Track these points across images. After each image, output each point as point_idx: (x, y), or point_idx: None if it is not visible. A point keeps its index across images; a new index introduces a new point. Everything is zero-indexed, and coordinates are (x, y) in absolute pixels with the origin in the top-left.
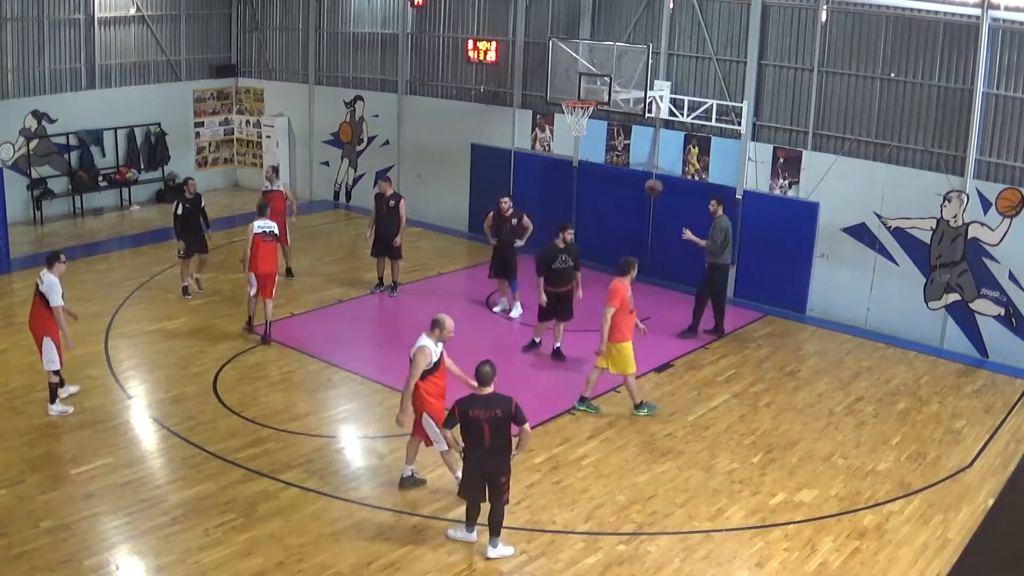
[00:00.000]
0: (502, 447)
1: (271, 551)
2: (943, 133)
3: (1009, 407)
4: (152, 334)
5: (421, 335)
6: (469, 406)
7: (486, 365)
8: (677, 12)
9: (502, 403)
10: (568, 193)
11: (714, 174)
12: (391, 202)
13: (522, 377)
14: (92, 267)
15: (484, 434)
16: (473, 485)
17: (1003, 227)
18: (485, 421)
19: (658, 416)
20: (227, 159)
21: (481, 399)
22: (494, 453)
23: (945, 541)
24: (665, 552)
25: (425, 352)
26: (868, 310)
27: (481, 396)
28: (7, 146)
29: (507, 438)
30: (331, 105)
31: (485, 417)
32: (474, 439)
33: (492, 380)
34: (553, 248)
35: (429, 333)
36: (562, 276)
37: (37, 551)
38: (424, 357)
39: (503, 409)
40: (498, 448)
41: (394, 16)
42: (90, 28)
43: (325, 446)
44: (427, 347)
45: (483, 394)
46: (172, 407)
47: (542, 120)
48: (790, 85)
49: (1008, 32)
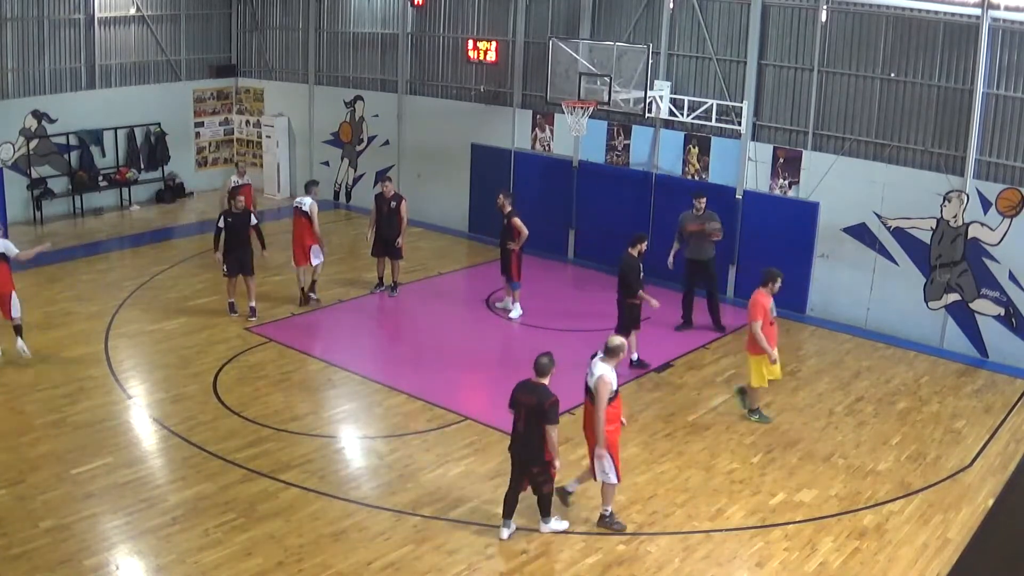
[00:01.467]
0: (531, 437)
1: (271, 551)
2: (943, 133)
3: (1009, 407)
4: (152, 334)
5: (594, 362)
6: (518, 391)
7: (544, 356)
8: (677, 12)
9: (540, 395)
10: (568, 193)
11: (714, 174)
12: (392, 203)
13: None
14: (92, 267)
15: (520, 420)
16: (512, 470)
17: (1003, 227)
18: (523, 407)
19: (658, 416)
20: (227, 159)
21: (528, 386)
22: (523, 441)
23: (945, 541)
24: (665, 552)
25: (607, 381)
26: (868, 310)
27: (530, 383)
28: (7, 146)
29: (539, 430)
30: (331, 105)
31: (524, 403)
32: (514, 423)
33: (546, 371)
34: (634, 260)
35: (606, 359)
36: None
37: (37, 551)
38: (607, 387)
39: (538, 401)
40: (527, 437)
41: (394, 16)
42: (90, 28)
43: (325, 446)
44: (607, 376)
45: (533, 382)
46: (172, 407)
47: (542, 120)
48: (790, 85)
49: (1008, 32)
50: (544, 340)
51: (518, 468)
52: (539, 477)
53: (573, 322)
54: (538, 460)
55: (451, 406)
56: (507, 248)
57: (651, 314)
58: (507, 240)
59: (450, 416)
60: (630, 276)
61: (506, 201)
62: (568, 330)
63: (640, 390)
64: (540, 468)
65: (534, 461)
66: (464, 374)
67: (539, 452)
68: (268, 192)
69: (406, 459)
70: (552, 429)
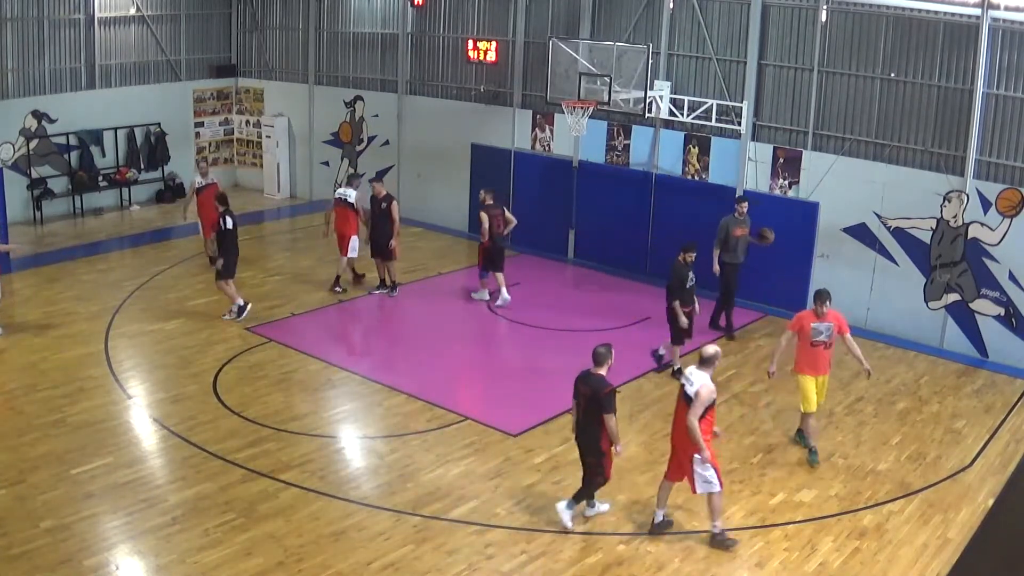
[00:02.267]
0: (588, 426)
1: (271, 551)
2: (943, 133)
3: (1009, 407)
4: (152, 334)
5: (690, 371)
6: (578, 381)
7: (602, 347)
8: (677, 12)
9: (596, 385)
10: (568, 193)
11: (714, 174)
12: (383, 204)
13: (522, 377)
14: (92, 267)
15: (579, 410)
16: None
17: (1003, 227)
18: (581, 397)
19: (658, 416)
20: (227, 159)
21: (585, 376)
22: (581, 430)
23: (945, 541)
24: (665, 552)
25: (711, 390)
26: (868, 310)
27: (588, 373)
28: (7, 146)
29: (595, 420)
30: (331, 105)
31: (582, 392)
32: (575, 412)
33: (603, 360)
34: (682, 267)
35: (703, 367)
36: (692, 296)
37: (37, 551)
38: (710, 395)
39: (593, 391)
40: (584, 427)
41: (394, 16)
42: (90, 28)
43: (325, 446)
44: (709, 384)
45: (590, 372)
46: (172, 407)
47: (542, 120)
48: (790, 85)
49: (1008, 32)
50: (544, 340)
51: (581, 455)
52: (594, 468)
53: (573, 322)
54: (594, 451)
55: (451, 406)
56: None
57: (652, 314)
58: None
59: (450, 416)
60: (672, 283)
61: (488, 195)
62: (568, 330)
63: (640, 390)
64: (595, 459)
65: (590, 451)
66: (464, 374)
67: (595, 442)
68: (268, 192)
69: (406, 459)
70: (609, 418)
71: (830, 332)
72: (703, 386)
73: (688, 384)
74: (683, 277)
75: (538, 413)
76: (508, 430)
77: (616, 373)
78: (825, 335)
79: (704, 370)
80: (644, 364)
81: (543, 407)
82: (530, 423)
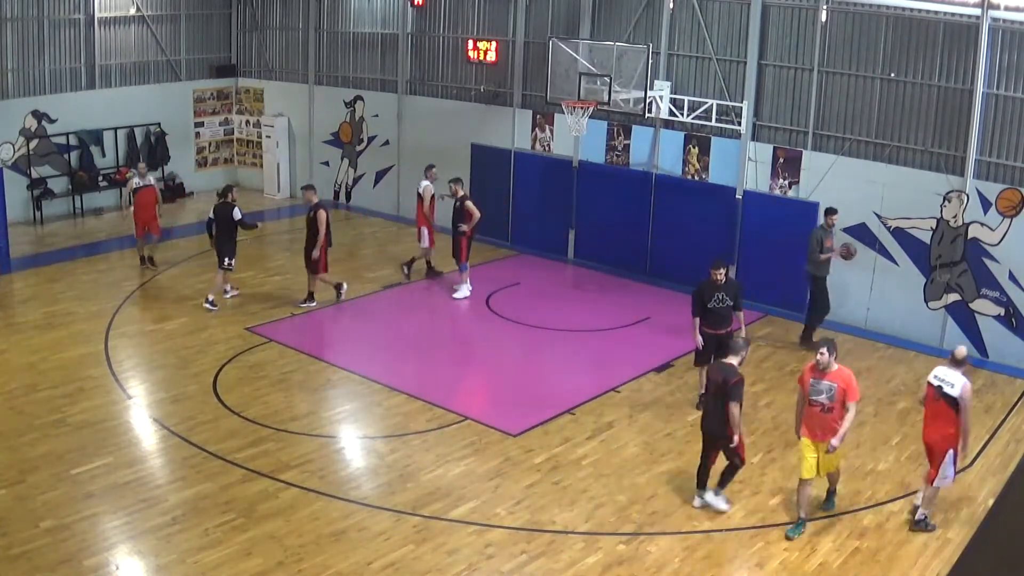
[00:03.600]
0: (716, 413)
1: (271, 551)
2: (943, 133)
3: (1009, 407)
4: (152, 334)
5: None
6: (711, 369)
7: (739, 338)
8: (677, 12)
9: (726, 374)
10: (568, 193)
11: (714, 174)
12: (310, 212)
13: (522, 377)
14: (92, 267)
15: (707, 396)
16: (703, 444)
17: (1003, 227)
18: (712, 384)
19: (658, 416)
20: (227, 159)
21: (717, 365)
22: (712, 416)
23: (945, 541)
24: (665, 552)
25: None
26: (868, 310)
27: (720, 362)
28: (7, 146)
29: (723, 407)
30: (331, 105)
31: (712, 380)
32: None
33: (738, 350)
34: (707, 285)
35: (956, 367)
36: (719, 316)
37: (37, 551)
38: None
39: (724, 379)
40: (712, 413)
41: (394, 16)
42: (90, 28)
43: (325, 446)
44: (969, 384)
45: (723, 361)
46: (172, 407)
47: (542, 120)
48: (790, 85)
49: (1008, 32)
50: (544, 340)
51: (708, 442)
52: (729, 452)
53: (573, 322)
54: (723, 435)
55: (451, 406)
56: (459, 231)
57: (652, 314)
58: (459, 222)
59: (450, 416)
60: (693, 300)
61: (458, 187)
62: (568, 330)
63: (640, 390)
64: (726, 441)
65: (720, 436)
66: (464, 374)
67: (723, 427)
68: (268, 192)
69: (406, 459)
70: (734, 406)
71: (831, 394)
72: (965, 386)
73: (948, 386)
74: (704, 295)
75: (538, 413)
76: (508, 430)
77: (616, 373)
78: (825, 396)
79: (957, 369)
80: (644, 364)
81: (543, 407)
82: (530, 423)
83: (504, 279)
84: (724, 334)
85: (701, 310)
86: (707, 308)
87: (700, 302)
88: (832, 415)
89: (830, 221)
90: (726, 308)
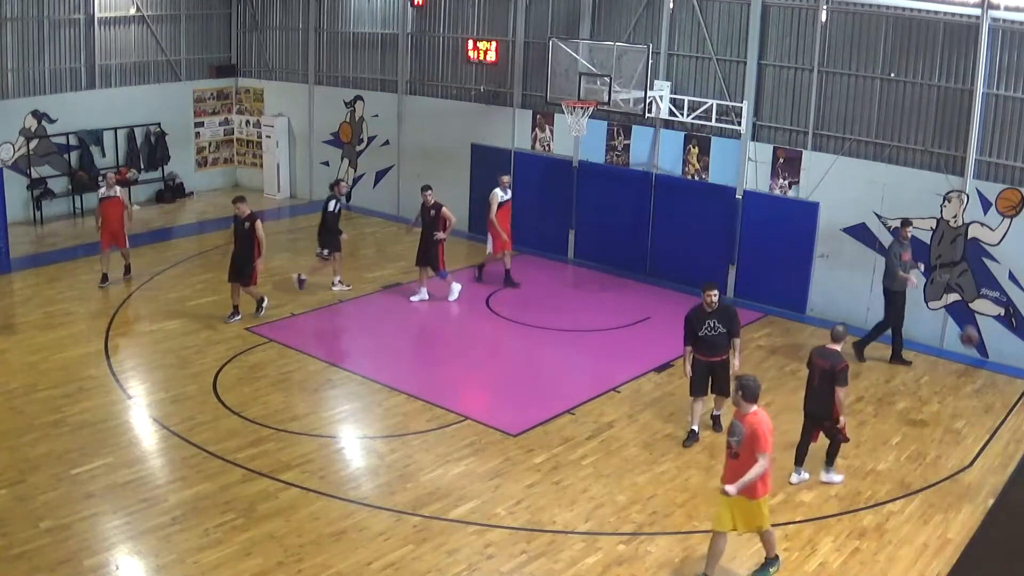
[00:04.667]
0: (822, 396)
1: (271, 551)
2: (943, 133)
3: (1009, 407)
4: (152, 334)
5: None
6: (815, 354)
7: (840, 325)
8: (677, 12)
9: (833, 360)
10: (568, 193)
11: (714, 174)
12: (246, 224)
13: (522, 377)
14: (92, 267)
15: (815, 380)
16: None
17: (1003, 227)
18: (818, 368)
19: (658, 416)
20: (227, 159)
21: (823, 351)
22: (817, 398)
23: (945, 541)
24: (665, 552)
25: None
26: (868, 310)
27: (825, 348)
28: (7, 146)
29: (829, 390)
30: (331, 105)
31: (819, 365)
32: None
33: (840, 338)
34: (697, 312)
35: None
36: (712, 344)
37: (37, 551)
38: None
39: (832, 364)
40: (820, 395)
41: (394, 16)
42: (90, 28)
43: (325, 446)
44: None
45: (827, 347)
46: (172, 407)
47: (542, 120)
48: (790, 85)
49: (1008, 32)
50: (544, 340)
51: (812, 423)
52: (832, 429)
53: (573, 322)
54: (828, 415)
55: (451, 406)
56: (434, 239)
57: (652, 314)
58: (436, 230)
59: (450, 416)
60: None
61: (430, 195)
62: (568, 330)
63: (640, 390)
64: (831, 422)
65: (826, 416)
66: (464, 374)
67: (828, 409)
68: (268, 192)
69: (406, 459)
70: (841, 390)
71: (739, 439)
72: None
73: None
74: (695, 324)
75: (538, 413)
76: (508, 430)
77: (616, 373)
78: (734, 439)
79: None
80: (644, 364)
81: (543, 407)
82: (530, 423)
83: (504, 279)
84: (718, 361)
85: (692, 338)
86: (698, 337)
87: (691, 330)
88: (739, 462)
89: (905, 233)
90: (719, 336)
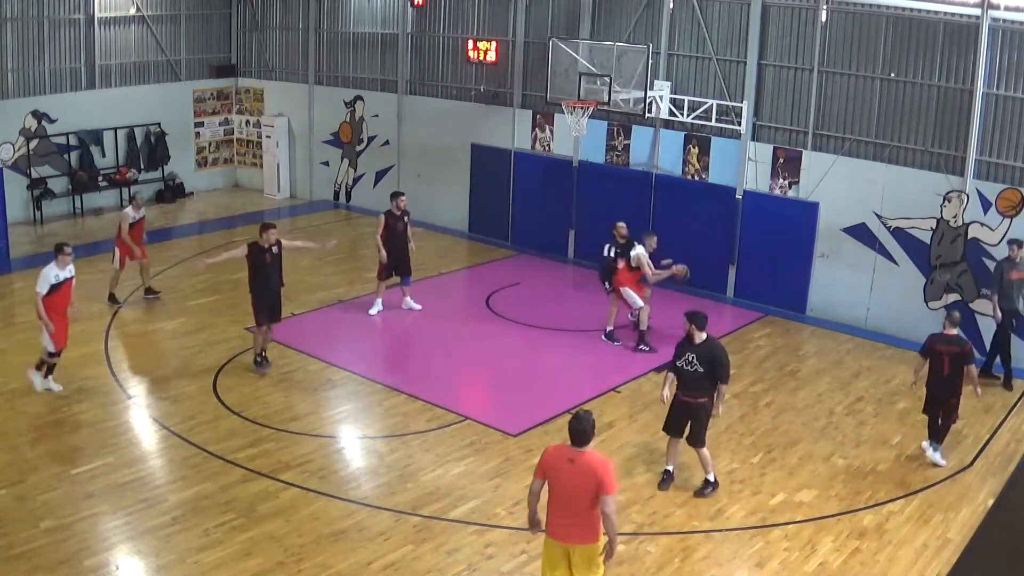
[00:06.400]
0: (953, 377)
1: (271, 551)
2: (943, 133)
3: (1009, 407)
4: (152, 334)
5: None
6: (937, 341)
7: (956, 311)
8: (677, 12)
9: (960, 343)
10: (568, 193)
11: (714, 174)
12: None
13: (522, 377)
14: (92, 267)
15: (943, 366)
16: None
17: (1003, 227)
18: (946, 355)
19: (658, 416)
20: (227, 159)
21: (945, 337)
22: (947, 381)
23: (945, 541)
24: (665, 552)
25: None
26: (868, 310)
27: (945, 335)
28: (7, 146)
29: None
30: (331, 105)
31: (946, 352)
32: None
33: (957, 323)
34: (682, 340)
35: None
36: (687, 381)
37: (37, 551)
38: None
39: (960, 348)
40: (950, 377)
41: (394, 16)
42: (90, 28)
43: (325, 446)
44: None
45: (947, 334)
46: (172, 407)
47: (542, 120)
48: (790, 85)
49: (1008, 32)
50: (544, 340)
51: (939, 402)
52: (952, 408)
53: (573, 322)
54: (956, 395)
55: (451, 406)
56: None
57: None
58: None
59: (450, 416)
60: None
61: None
62: (568, 330)
63: (640, 390)
64: (956, 399)
65: (953, 393)
66: (464, 374)
67: (957, 388)
68: (268, 192)
69: (406, 459)
70: (971, 368)
71: None
72: None
73: None
74: (677, 350)
75: (538, 413)
76: (508, 430)
77: (616, 373)
78: None
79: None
80: (644, 364)
81: (543, 407)
82: (530, 423)
83: (504, 279)
84: (694, 403)
85: (672, 365)
86: (675, 366)
87: (675, 355)
88: None
89: (1013, 253)
90: (696, 375)
